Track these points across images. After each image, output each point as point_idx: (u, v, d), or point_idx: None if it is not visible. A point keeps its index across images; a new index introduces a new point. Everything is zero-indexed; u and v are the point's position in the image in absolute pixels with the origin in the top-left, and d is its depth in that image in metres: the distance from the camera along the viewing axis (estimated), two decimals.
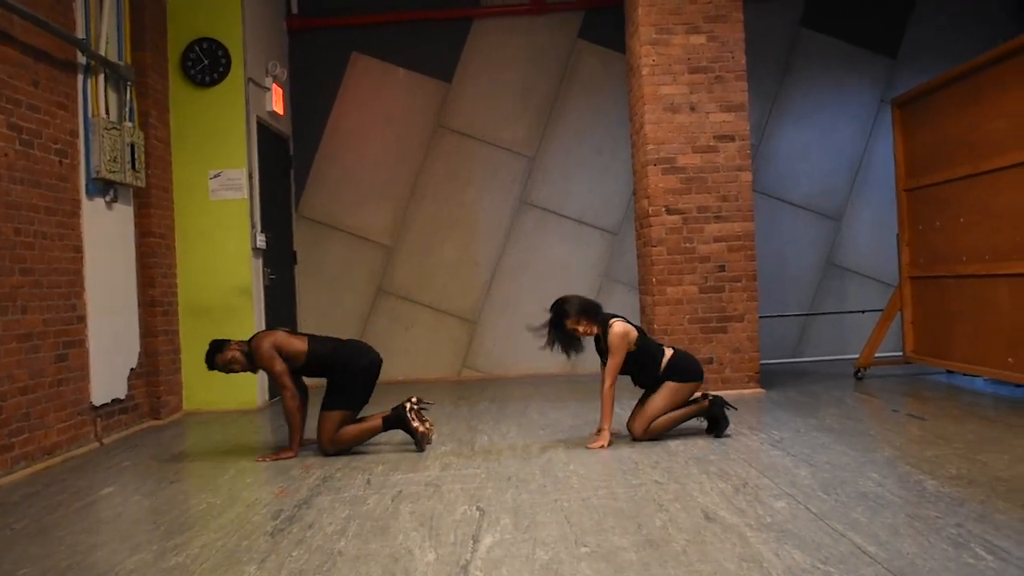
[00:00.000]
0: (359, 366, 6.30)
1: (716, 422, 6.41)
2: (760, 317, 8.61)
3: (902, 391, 8.22)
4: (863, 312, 10.61)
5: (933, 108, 8.40)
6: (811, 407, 7.44)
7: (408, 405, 6.36)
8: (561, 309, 6.35)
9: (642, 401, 6.49)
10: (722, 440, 6.23)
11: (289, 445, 6.40)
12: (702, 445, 6.10)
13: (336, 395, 6.29)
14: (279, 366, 6.23)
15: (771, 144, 10.70)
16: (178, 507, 5.12)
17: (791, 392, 8.29)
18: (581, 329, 6.33)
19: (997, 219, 7.41)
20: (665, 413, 6.36)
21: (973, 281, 7.79)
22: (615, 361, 6.24)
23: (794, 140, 10.79)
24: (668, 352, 6.43)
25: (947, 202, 8.18)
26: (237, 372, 6.49)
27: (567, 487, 5.12)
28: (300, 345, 6.32)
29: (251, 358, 6.36)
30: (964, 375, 8.38)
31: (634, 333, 6.32)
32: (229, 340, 6.48)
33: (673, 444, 6.17)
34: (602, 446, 6.17)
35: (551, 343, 6.42)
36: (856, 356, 10.04)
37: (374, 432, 6.37)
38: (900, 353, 9.39)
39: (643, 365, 6.39)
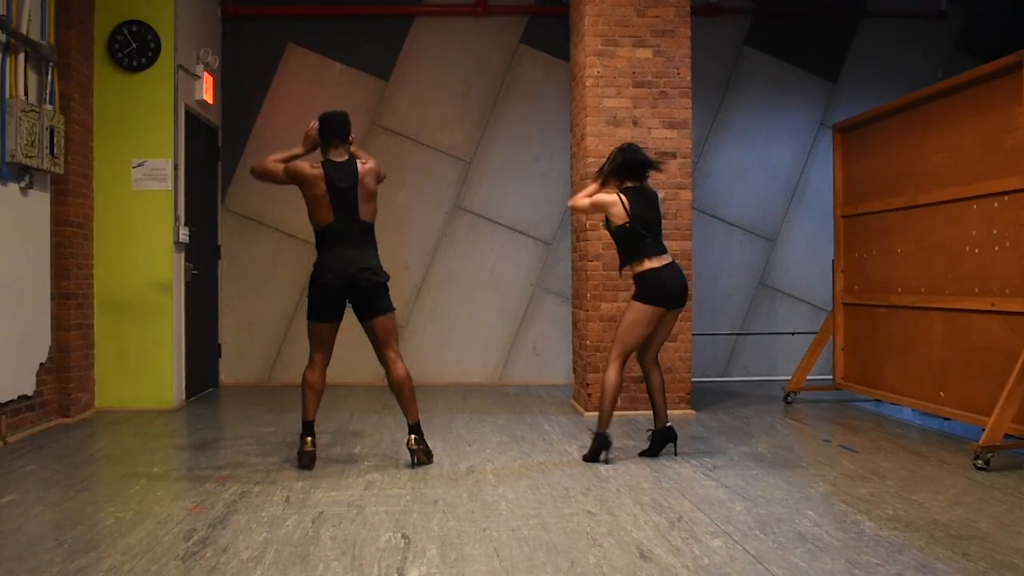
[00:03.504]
0: (314, 278, 6.08)
1: (653, 449, 6.31)
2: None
3: (831, 418, 8.17)
4: (793, 334, 10.60)
5: (875, 136, 8.37)
6: (742, 432, 7.34)
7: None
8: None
9: None
10: (655, 467, 6.08)
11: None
12: (633, 471, 5.94)
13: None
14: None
15: (708, 161, 10.62)
16: (84, 521, 4.80)
17: (722, 415, 8.19)
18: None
19: (933, 252, 7.39)
20: (619, 338, 6.30)
21: (907, 312, 7.77)
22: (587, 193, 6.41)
23: (732, 158, 10.73)
24: (647, 263, 6.25)
25: (884, 231, 8.16)
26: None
27: (496, 514, 4.92)
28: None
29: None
30: (892, 405, 8.36)
31: (617, 207, 6.23)
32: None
33: (604, 470, 6.00)
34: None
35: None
36: (784, 378, 10.06)
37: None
38: (829, 378, 9.38)
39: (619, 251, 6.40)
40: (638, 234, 6.19)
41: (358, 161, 6.07)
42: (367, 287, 5.97)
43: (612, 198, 6.26)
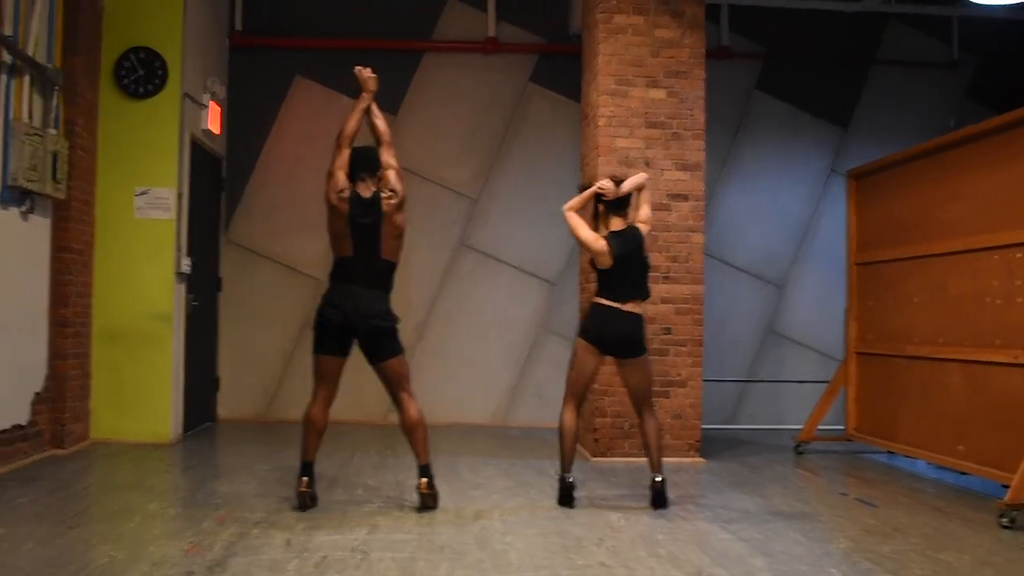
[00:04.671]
0: (319, 311, 5.88)
1: (655, 500, 6.14)
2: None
3: (844, 470, 7.99)
4: (801, 383, 10.43)
5: (891, 183, 8.24)
6: (755, 483, 7.15)
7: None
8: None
9: None
10: (668, 517, 5.88)
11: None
12: (647, 522, 5.74)
13: None
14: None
15: (717, 204, 10.49)
16: (76, 560, 4.58)
17: (732, 464, 8.00)
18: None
19: (952, 302, 7.23)
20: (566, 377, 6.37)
21: (924, 363, 7.60)
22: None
23: (741, 202, 10.62)
24: (600, 298, 6.23)
25: (900, 280, 8.00)
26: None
27: (505, 564, 4.71)
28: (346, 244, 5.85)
29: None
30: (906, 457, 8.16)
31: (600, 244, 6.16)
32: None
33: (615, 518, 5.80)
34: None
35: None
36: (792, 427, 9.87)
37: None
38: (840, 428, 9.20)
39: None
40: (612, 274, 6.15)
41: (382, 196, 5.84)
42: (371, 332, 5.79)
43: (600, 244, 6.16)
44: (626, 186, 6.28)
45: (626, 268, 6.14)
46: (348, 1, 10.27)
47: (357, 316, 5.73)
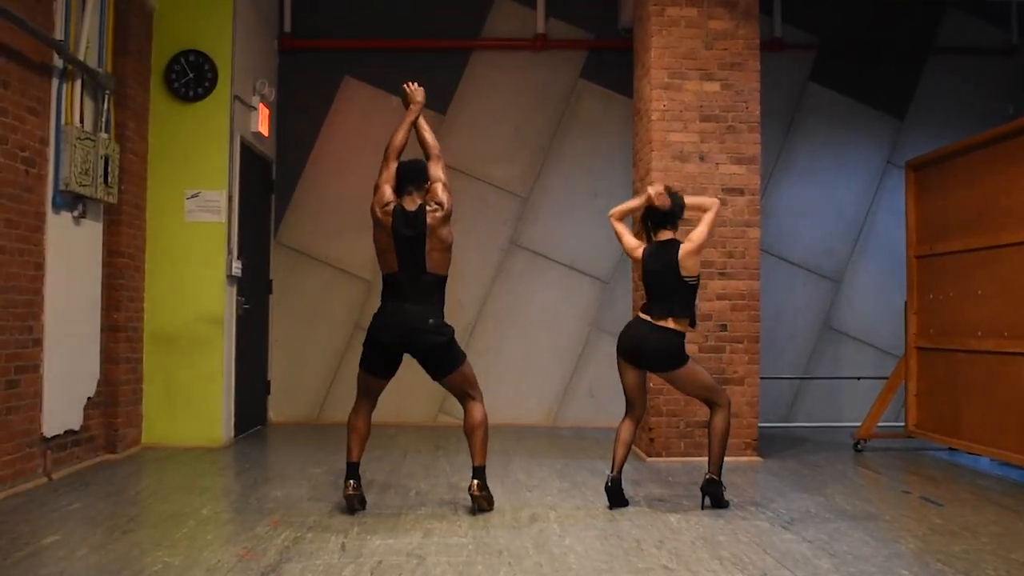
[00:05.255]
0: (369, 330, 5.81)
1: (715, 499, 5.99)
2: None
3: (906, 468, 7.79)
4: (859, 379, 10.21)
5: (952, 173, 8.03)
6: (815, 482, 6.99)
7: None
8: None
9: None
10: (728, 517, 5.74)
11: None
12: (707, 523, 5.60)
13: None
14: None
15: (771, 199, 10.31)
16: (129, 566, 4.54)
17: (790, 462, 7.83)
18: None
19: (1018, 295, 7.01)
20: None
21: (989, 357, 7.38)
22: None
23: (795, 196, 10.42)
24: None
25: (963, 272, 7.79)
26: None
27: (565, 568, 4.61)
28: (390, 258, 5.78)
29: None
30: (968, 454, 7.94)
31: (637, 254, 6.21)
32: None
33: (674, 519, 5.68)
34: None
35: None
36: (849, 424, 9.69)
37: None
38: (899, 425, 8.99)
39: None
40: (645, 286, 6.12)
41: (427, 209, 5.72)
42: (427, 349, 5.71)
43: (636, 254, 6.18)
44: (690, 202, 6.19)
45: (656, 282, 6.03)
46: (396, 1, 10.21)
47: (411, 335, 5.64)
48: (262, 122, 9.14)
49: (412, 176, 5.82)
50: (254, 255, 9.28)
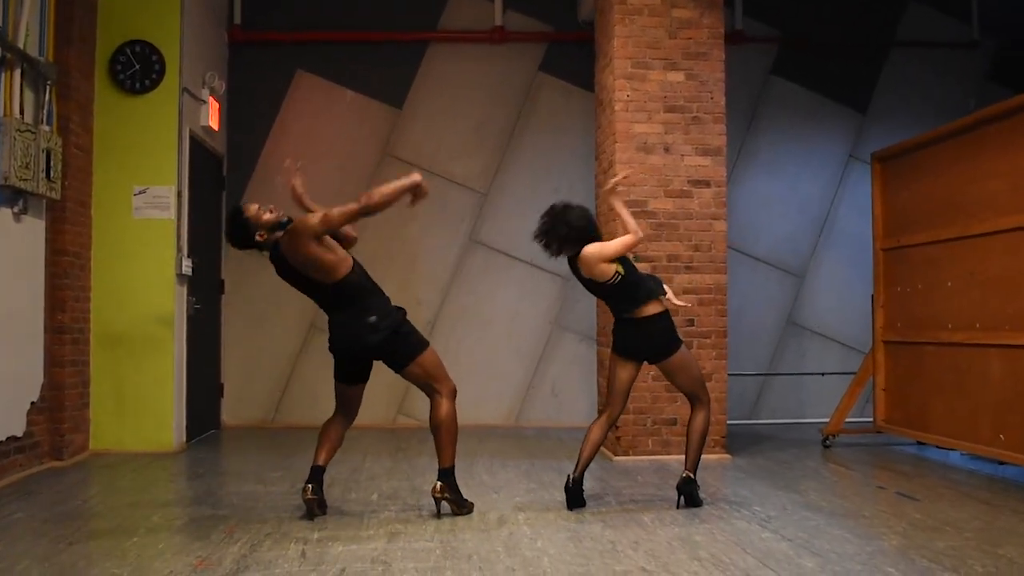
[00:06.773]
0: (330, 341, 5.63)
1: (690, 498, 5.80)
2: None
3: (875, 463, 7.67)
4: (823, 375, 10.10)
5: (919, 165, 7.92)
6: (787, 479, 6.84)
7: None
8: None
9: None
10: (703, 516, 5.56)
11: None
12: (682, 522, 5.41)
13: None
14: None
15: (733, 193, 10.14)
16: None
17: (759, 459, 7.69)
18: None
19: (989, 286, 6.91)
20: None
21: (958, 350, 7.28)
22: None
23: (757, 190, 10.30)
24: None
25: (931, 264, 7.68)
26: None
27: (540, 572, 4.39)
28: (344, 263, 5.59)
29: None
30: (938, 448, 7.83)
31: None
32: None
33: (647, 519, 5.48)
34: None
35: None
36: (814, 420, 9.59)
37: None
38: (867, 420, 8.89)
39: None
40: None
41: (282, 239, 5.58)
42: (370, 350, 5.56)
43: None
44: (622, 214, 6.04)
45: (598, 292, 6.04)
46: None
47: (349, 341, 5.56)
48: (212, 116, 8.82)
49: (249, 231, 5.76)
50: (205, 254, 8.96)
